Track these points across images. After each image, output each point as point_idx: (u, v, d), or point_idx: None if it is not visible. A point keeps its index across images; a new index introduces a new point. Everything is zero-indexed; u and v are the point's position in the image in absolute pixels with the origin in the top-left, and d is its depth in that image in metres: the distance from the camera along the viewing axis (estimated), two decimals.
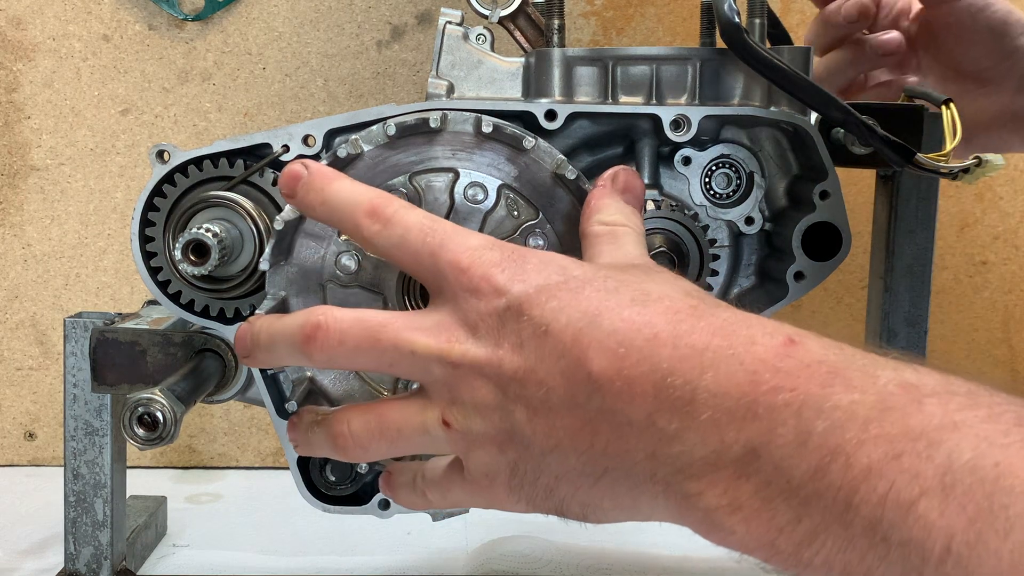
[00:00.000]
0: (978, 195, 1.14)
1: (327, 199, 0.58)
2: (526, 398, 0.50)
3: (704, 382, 0.45)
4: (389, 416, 0.55)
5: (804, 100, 0.66)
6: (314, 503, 0.73)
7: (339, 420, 0.56)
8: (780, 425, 0.43)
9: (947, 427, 0.39)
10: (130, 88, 1.10)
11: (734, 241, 0.74)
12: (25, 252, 1.12)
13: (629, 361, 0.47)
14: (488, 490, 0.54)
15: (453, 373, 0.52)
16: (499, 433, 0.51)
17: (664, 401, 0.46)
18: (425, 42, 1.10)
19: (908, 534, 0.38)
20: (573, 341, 0.48)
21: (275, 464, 1.15)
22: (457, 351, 0.51)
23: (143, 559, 0.89)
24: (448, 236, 0.54)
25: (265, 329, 0.57)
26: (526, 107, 0.68)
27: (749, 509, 0.44)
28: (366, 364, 0.55)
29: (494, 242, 0.54)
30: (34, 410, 1.14)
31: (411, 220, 0.55)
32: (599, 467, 0.49)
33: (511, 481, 0.52)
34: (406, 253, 0.55)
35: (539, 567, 0.88)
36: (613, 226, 0.60)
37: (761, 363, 0.44)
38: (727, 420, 0.44)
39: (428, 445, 0.55)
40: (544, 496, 0.52)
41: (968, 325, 1.16)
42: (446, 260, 0.53)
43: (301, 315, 0.55)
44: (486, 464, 0.53)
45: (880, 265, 0.82)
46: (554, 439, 0.49)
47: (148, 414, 0.64)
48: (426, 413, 0.53)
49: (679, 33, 1.11)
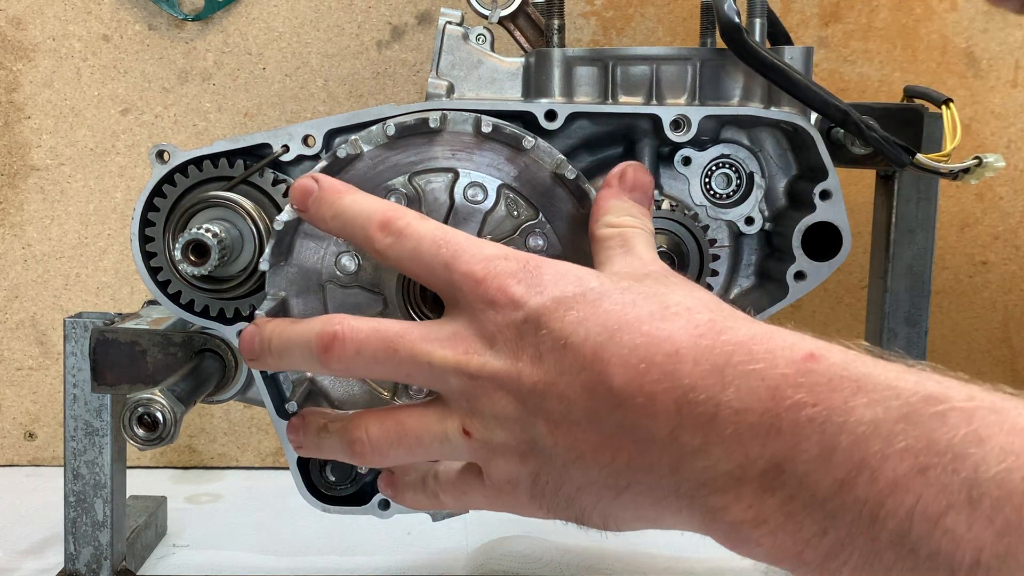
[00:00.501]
0: (978, 195, 1.14)
1: (339, 212, 0.58)
2: (547, 411, 0.50)
3: (726, 397, 0.45)
4: (408, 424, 0.55)
5: (804, 100, 0.66)
6: (314, 503, 0.73)
7: (357, 426, 0.56)
8: (804, 440, 0.43)
9: (972, 441, 0.39)
10: (130, 88, 1.10)
11: (734, 241, 0.73)
12: (25, 252, 1.12)
13: (651, 377, 0.47)
14: (511, 496, 0.54)
15: (471, 384, 0.52)
16: (520, 444, 0.51)
17: (687, 417, 0.46)
18: (425, 42, 1.10)
19: (936, 547, 0.39)
20: (594, 356, 0.48)
21: (275, 464, 1.15)
22: (475, 363, 0.52)
23: (143, 559, 0.89)
24: (461, 247, 0.54)
25: (277, 334, 0.57)
26: (526, 107, 0.68)
27: (774, 523, 0.44)
28: (383, 374, 0.56)
29: (508, 252, 0.54)
30: (34, 410, 1.14)
31: (423, 231, 0.55)
32: (622, 480, 0.49)
33: (533, 489, 0.52)
34: (419, 265, 0.55)
35: (539, 567, 0.88)
36: (623, 228, 0.60)
37: (783, 378, 0.44)
38: (750, 435, 0.44)
39: (447, 453, 0.55)
40: (565, 505, 0.52)
41: (968, 325, 1.16)
42: (460, 271, 0.53)
43: (317, 323, 0.55)
44: (508, 473, 0.53)
45: (880, 265, 0.82)
46: (576, 452, 0.49)
47: (148, 414, 0.64)
48: (446, 422, 0.54)
49: (679, 33, 1.11)
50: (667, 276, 0.54)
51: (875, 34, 1.11)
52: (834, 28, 1.11)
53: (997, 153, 0.73)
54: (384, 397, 0.69)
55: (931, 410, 0.41)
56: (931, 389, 0.42)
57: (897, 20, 1.11)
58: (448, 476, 0.58)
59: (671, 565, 0.89)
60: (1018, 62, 1.11)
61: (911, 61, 1.11)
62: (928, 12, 1.10)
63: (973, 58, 1.11)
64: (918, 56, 1.11)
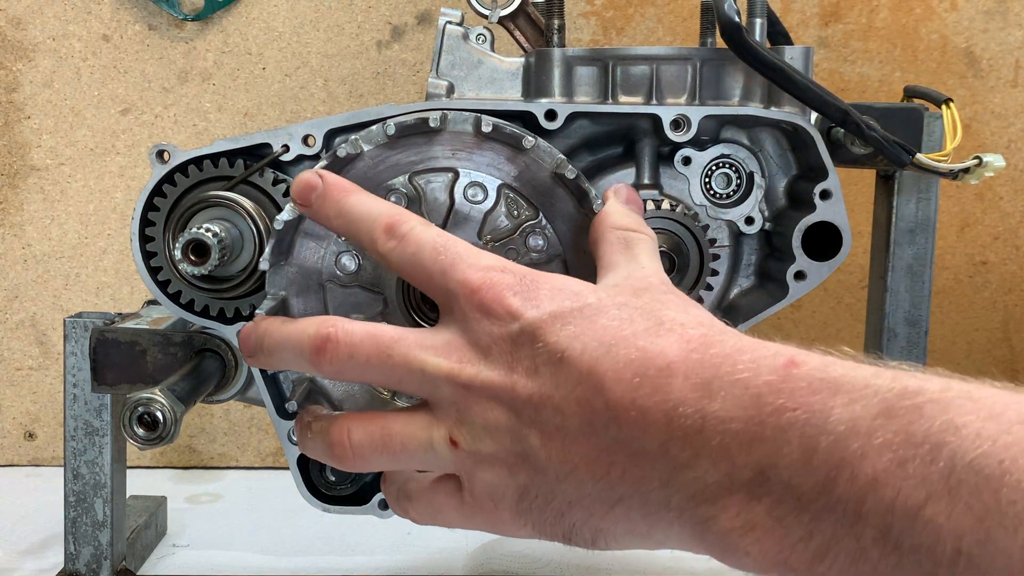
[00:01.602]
0: (978, 195, 1.14)
1: (343, 211, 0.58)
2: (541, 423, 0.50)
3: (712, 409, 0.45)
4: (393, 429, 0.54)
5: (804, 100, 0.66)
6: (314, 503, 0.73)
7: (339, 429, 0.56)
8: (785, 444, 0.43)
9: (949, 430, 0.39)
10: (130, 88, 1.10)
11: (734, 241, 0.73)
12: (25, 252, 1.12)
13: (643, 391, 0.47)
14: (491, 513, 0.53)
15: (463, 394, 0.52)
16: (509, 456, 0.51)
17: (676, 430, 0.46)
18: (425, 42, 1.10)
19: (918, 539, 0.39)
20: (589, 370, 0.48)
21: (275, 464, 1.15)
22: (468, 373, 0.51)
23: (143, 559, 0.89)
24: (460, 255, 0.54)
25: (272, 333, 0.57)
26: (526, 107, 0.68)
27: (762, 529, 0.44)
28: (374, 379, 0.55)
29: (506, 264, 0.54)
30: (34, 410, 1.14)
31: (424, 238, 0.55)
32: (615, 494, 0.49)
33: (518, 505, 0.52)
34: (419, 270, 0.55)
35: (539, 567, 0.88)
36: (627, 232, 0.60)
37: (765, 385, 0.45)
38: (736, 444, 0.44)
39: (430, 462, 0.54)
40: (553, 521, 0.52)
41: (968, 325, 1.16)
42: (456, 279, 0.53)
43: (312, 324, 0.55)
44: (492, 486, 0.52)
45: (880, 265, 0.82)
46: (570, 465, 0.49)
47: (148, 414, 0.64)
48: (432, 430, 0.53)
49: (679, 33, 1.11)
50: (664, 292, 0.54)
51: (875, 34, 1.11)
52: (834, 28, 1.11)
53: (997, 153, 0.73)
54: (383, 397, 0.69)
55: (907, 403, 0.41)
56: (907, 383, 0.42)
57: (897, 20, 1.11)
58: (419, 490, 0.57)
59: (671, 565, 0.89)
60: (1018, 62, 1.11)
61: (911, 61, 1.11)
62: (928, 12, 1.10)
63: (973, 58, 1.11)
64: (918, 56, 1.11)
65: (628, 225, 0.60)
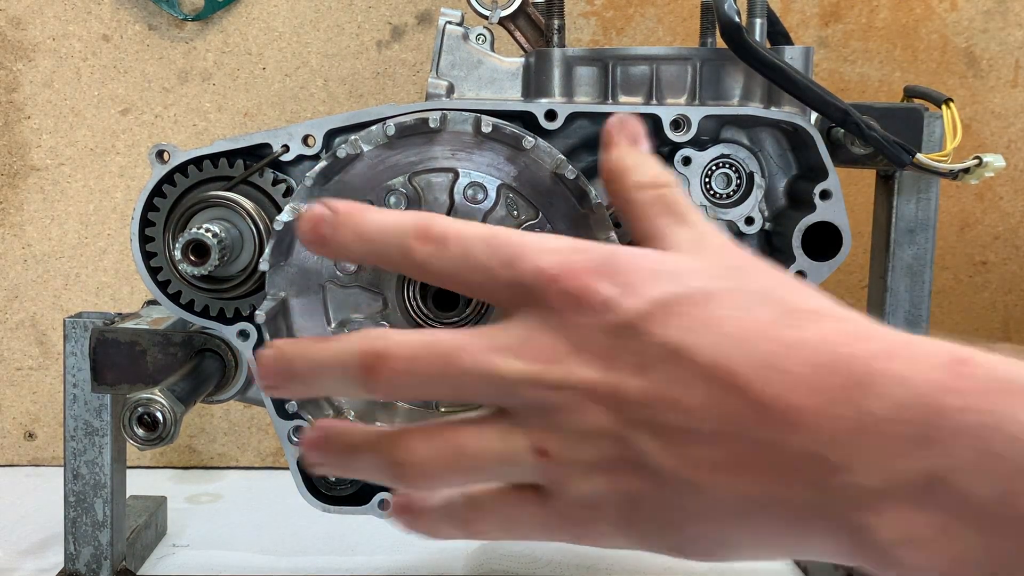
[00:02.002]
0: (978, 195, 1.14)
1: (363, 232, 0.49)
2: (656, 425, 0.44)
3: (870, 407, 0.42)
4: (463, 443, 0.47)
5: (804, 100, 0.66)
6: (314, 503, 0.73)
7: (401, 447, 0.48)
8: (960, 449, 0.40)
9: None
10: (130, 88, 1.10)
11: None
12: (25, 252, 1.12)
13: (786, 387, 0.43)
14: (587, 524, 0.47)
15: (551, 397, 0.45)
16: (612, 463, 0.45)
17: (829, 430, 0.42)
18: (425, 42, 1.10)
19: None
20: (717, 365, 0.43)
21: (275, 464, 1.15)
22: (557, 373, 0.45)
23: (143, 559, 0.89)
24: (522, 243, 0.47)
25: (303, 356, 0.48)
26: (526, 107, 0.68)
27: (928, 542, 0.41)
28: (440, 394, 0.48)
29: (577, 243, 0.47)
30: (34, 410, 1.14)
31: (468, 232, 0.47)
32: (752, 502, 0.44)
33: (623, 516, 0.46)
34: (472, 271, 0.47)
35: (539, 567, 0.88)
36: (659, 189, 0.51)
37: (931, 383, 0.41)
38: (899, 448, 0.41)
39: (507, 475, 0.48)
40: (663, 532, 0.46)
41: (968, 325, 1.16)
42: (529, 269, 0.45)
43: (354, 341, 0.47)
44: (591, 497, 0.46)
45: (880, 265, 0.82)
46: (692, 471, 0.44)
47: (148, 414, 0.64)
48: (512, 440, 0.46)
49: (679, 33, 1.11)
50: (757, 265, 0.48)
51: (875, 34, 1.11)
52: (834, 28, 1.11)
53: (997, 153, 0.73)
54: None
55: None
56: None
57: (897, 20, 1.11)
58: (491, 501, 0.50)
59: (671, 565, 0.89)
60: (1018, 62, 1.11)
61: (911, 61, 1.11)
62: (928, 12, 1.10)
63: (973, 58, 1.11)
64: (918, 56, 1.11)
65: (656, 180, 0.51)
